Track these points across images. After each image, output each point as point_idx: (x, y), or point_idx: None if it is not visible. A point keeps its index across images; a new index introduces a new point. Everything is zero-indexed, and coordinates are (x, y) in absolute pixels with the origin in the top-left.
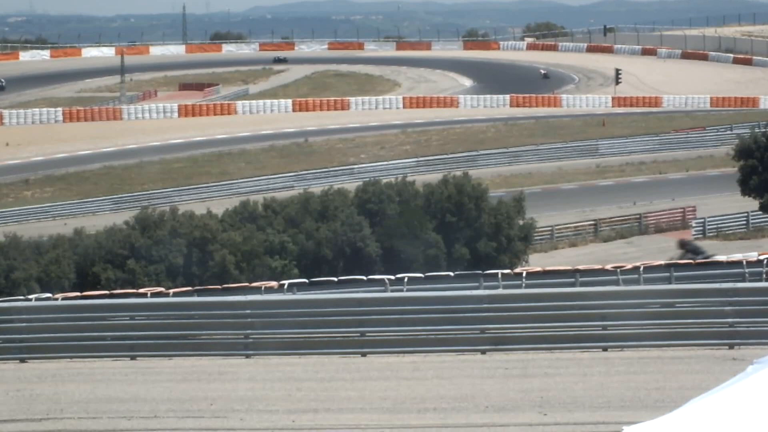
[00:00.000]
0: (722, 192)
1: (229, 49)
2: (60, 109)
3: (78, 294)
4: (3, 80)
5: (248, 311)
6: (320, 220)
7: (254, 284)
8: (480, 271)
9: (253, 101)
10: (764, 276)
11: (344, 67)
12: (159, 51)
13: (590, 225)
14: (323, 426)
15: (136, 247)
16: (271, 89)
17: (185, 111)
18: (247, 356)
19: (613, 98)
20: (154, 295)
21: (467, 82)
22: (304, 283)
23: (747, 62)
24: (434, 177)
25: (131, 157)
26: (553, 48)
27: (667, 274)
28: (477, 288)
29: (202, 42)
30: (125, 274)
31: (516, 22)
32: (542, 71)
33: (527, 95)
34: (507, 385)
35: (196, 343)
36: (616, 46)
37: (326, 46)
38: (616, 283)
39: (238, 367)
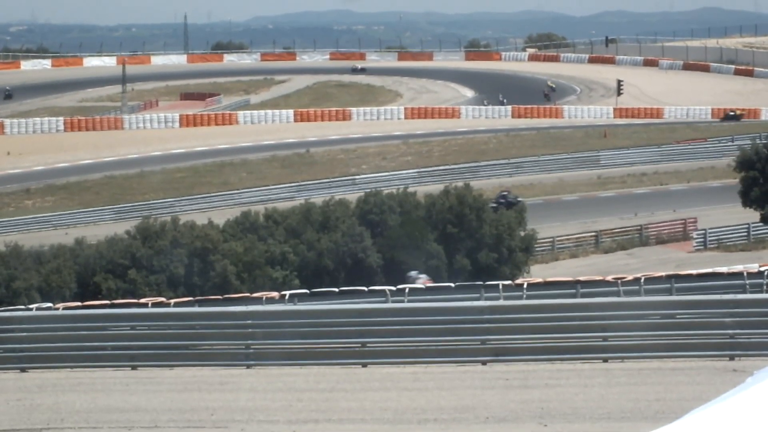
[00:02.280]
0: (723, 203)
1: (230, 59)
2: (61, 118)
3: (79, 304)
4: (9, 88)
5: (249, 321)
6: (321, 231)
7: (255, 294)
8: (481, 282)
9: (255, 111)
10: (765, 287)
11: (346, 78)
12: (160, 60)
13: (591, 236)
14: None
15: (137, 257)
16: (273, 99)
17: (186, 121)
18: (248, 366)
19: (614, 109)
20: (155, 305)
21: (469, 93)
22: (306, 293)
23: (748, 74)
24: (436, 188)
25: (132, 167)
26: (555, 59)
27: (668, 286)
28: (478, 299)
29: (204, 52)
30: (126, 284)
31: (518, 32)
32: (550, 84)
33: (529, 106)
34: (507, 396)
35: (197, 353)
36: (617, 57)
37: (328, 57)
38: (617, 294)
39: (239, 377)
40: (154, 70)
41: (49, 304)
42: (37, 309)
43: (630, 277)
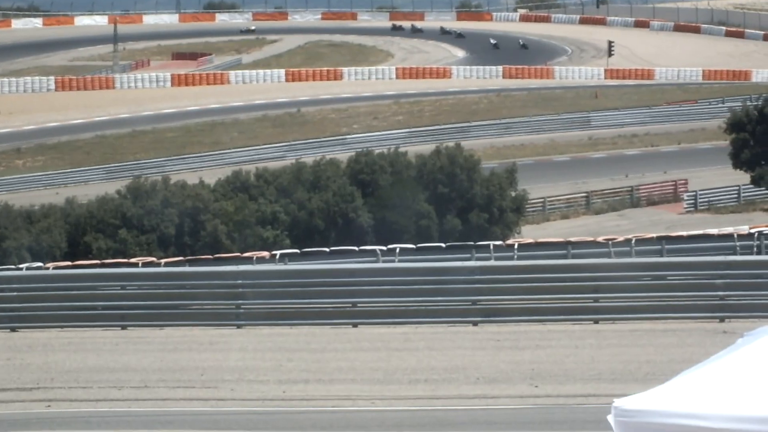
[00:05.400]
0: (714, 165)
1: (222, 19)
2: (52, 77)
3: (69, 263)
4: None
5: (240, 281)
6: (312, 191)
7: (246, 254)
8: (472, 243)
9: (246, 71)
10: (755, 249)
11: (337, 38)
12: (152, 20)
13: (582, 197)
14: (314, 396)
15: (127, 216)
16: (264, 59)
17: (178, 80)
18: (239, 326)
19: (605, 70)
20: (146, 264)
21: (460, 53)
22: (296, 253)
23: (739, 35)
24: (427, 148)
25: (124, 127)
26: (546, 19)
27: (659, 247)
28: (469, 259)
29: (196, 11)
30: (116, 244)
31: None
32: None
33: (520, 66)
34: (498, 357)
35: (187, 313)
36: (608, 18)
37: (320, 16)
38: (607, 255)
39: (230, 337)
40: (146, 29)
41: (40, 264)
42: (28, 268)
43: (621, 239)
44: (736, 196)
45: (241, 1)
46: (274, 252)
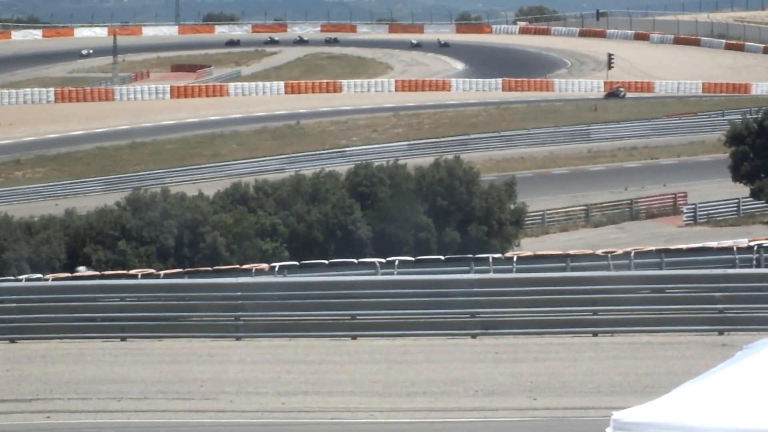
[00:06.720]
0: (713, 178)
1: (221, 31)
2: (52, 89)
3: (68, 275)
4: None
5: (239, 293)
6: (311, 203)
7: (245, 266)
8: (471, 255)
9: (246, 83)
10: (754, 262)
11: (337, 50)
12: (152, 32)
13: (581, 210)
14: (313, 408)
15: (127, 228)
16: (264, 71)
17: (177, 92)
18: (238, 338)
19: (605, 83)
20: (145, 276)
21: (459, 66)
22: (295, 265)
23: (739, 48)
24: (426, 160)
25: (123, 138)
26: (546, 32)
27: (658, 260)
28: (468, 272)
29: (195, 23)
30: (116, 256)
31: (509, 5)
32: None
33: (519, 79)
34: (497, 370)
35: (187, 324)
36: (608, 31)
37: (319, 29)
38: (606, 268)
39: (229, 349)
40: (145, 41)
41: (39, 275)
42: (27, 280)
43: (620, 251)
44: (735, 209)
45: (241, 13)
46: (273, 264)
